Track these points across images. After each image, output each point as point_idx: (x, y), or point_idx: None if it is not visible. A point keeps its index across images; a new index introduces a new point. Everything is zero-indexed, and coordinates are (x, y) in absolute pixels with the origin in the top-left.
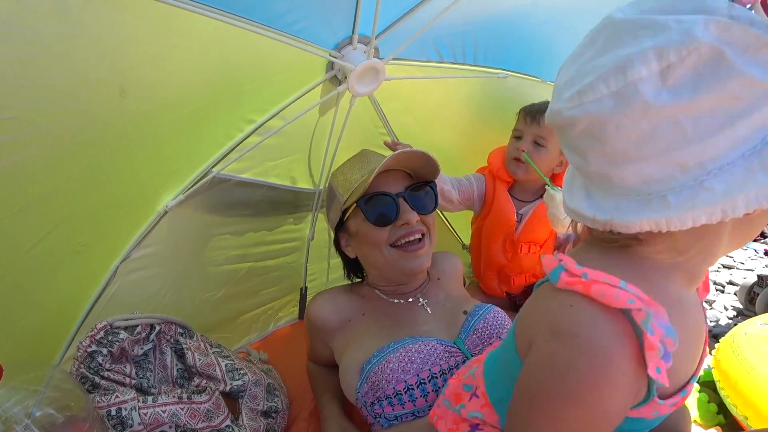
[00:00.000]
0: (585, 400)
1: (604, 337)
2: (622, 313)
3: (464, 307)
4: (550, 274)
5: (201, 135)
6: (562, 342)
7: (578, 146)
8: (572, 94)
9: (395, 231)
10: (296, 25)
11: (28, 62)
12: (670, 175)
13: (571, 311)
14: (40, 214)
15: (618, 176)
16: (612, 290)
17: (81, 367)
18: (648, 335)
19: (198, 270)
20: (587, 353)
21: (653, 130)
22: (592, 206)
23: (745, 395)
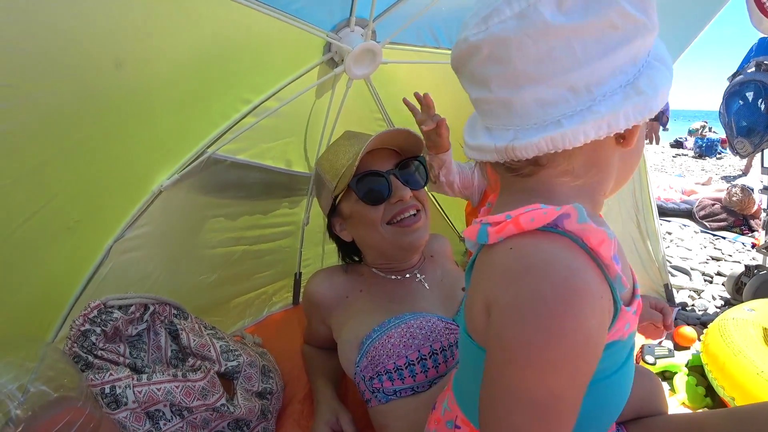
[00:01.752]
0: (565, 327)
1: (557, 257)
2: (558, 234)
3: (462, 283)
4: (478, 237)
5: (196, 113)
6: (518, 282)
7: (483, 74)
8: (478, 21)
9: (390, 209)
10: (294, 4)
11: (23, 30)
12: (563, 98)
13: (512, 253)
14: (32, 187)
15: (519, 101)
16: (537, 212)
17: (74, 346)
18: (590, 233)
19: (192, 252)
20: (547, 278)
21: (550, 50)
22: (493, 138)
23: (732, 377)
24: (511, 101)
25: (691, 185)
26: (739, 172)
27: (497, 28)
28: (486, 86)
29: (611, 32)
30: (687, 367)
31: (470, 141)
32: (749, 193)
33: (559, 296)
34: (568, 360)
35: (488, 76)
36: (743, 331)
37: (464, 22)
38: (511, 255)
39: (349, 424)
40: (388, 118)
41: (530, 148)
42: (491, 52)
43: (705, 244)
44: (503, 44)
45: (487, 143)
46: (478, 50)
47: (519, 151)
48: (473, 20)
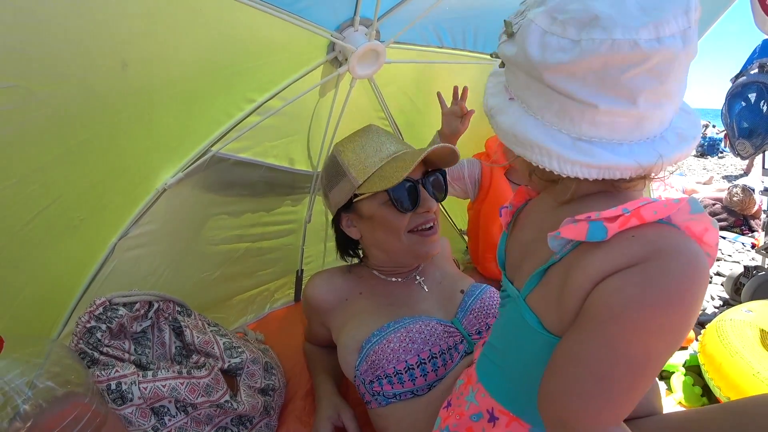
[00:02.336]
0: (685, 301)
1: (683, 243)
2: (669, 225)
3: (461, 285)
4: (590, 235)
5: (201, 112)
6: (646, 262)
7: (635, 86)
8: (647, 25)
9: (415, 218)
10: (298, 4)
11: (31, 31)
12: (670, 117)
13: (636, 240)
14: (38, 186)
15: (652, 117)
16: (657, 205)
17: (80, 343)
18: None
19: (195, 249)
20: (677, 258)
21: (685, 72)
22: (619, 154)
23: (728, 377)
24: (648, 117)
25: (692, 184)
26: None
27: (670, 42)
28: (632, 99)
29: None
30: (684, 366)
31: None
32: (750, 194)
33: (686, 274)
34: (676, 328)
35: (641, 89)
36: (740, 333)
37: (615, 16)
38: (635, 242)
39: (350, 419)
40: (391, 117)
41: (670, 163)
42: (658, 65)
43: None
44: (670, 60)
45: (622, 162)
46: (645, 60)
47: (666, 166)
48: (634, 21)
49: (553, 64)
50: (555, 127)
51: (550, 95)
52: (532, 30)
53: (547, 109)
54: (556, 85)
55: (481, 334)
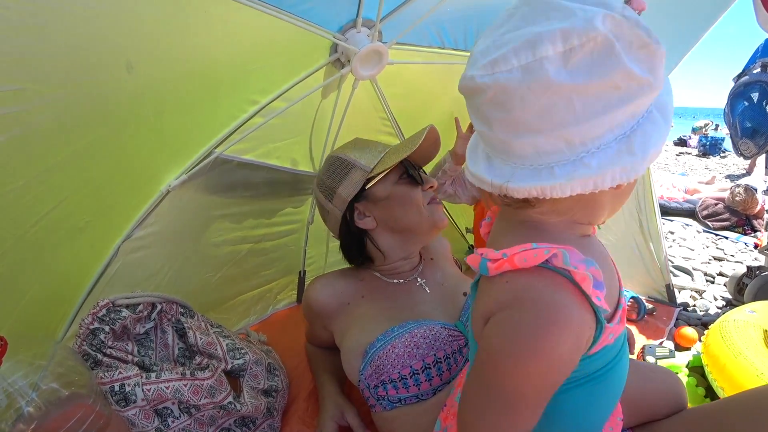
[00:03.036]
0: (538, 349)
1: (544, 291)
2: (548, 270)
3: (463, 288)
4: (479, 268)
5: (204, 114)
6: (510, 309)
7: (485, 114)
8: (486, 63)
9: (426, 194)
10: (302, 5)
11: (37, 33)
12: (558, 149)
13: (507, 286)
14: (44, 189)
15: (517, 146)
16: (529, 253)
17: (83, 344)
18: (574, 271)
19: (198, 250)
20: (533, 311)
21: (551, 105)
22: (490, 171)
23: (732, 378)
24: (510, 143)
25: (694, 184)
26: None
27: (503, 76)
28: (488, 124)
29: (614, 92)
30: (687, 367)
31: (471, 167)
32: (753, 193)
33: (540, 326)
34: (538, 373)
35: (490, 118)
36: (744, 333)
37: (473, 55)
38: (506, 288)
39: (354, 417)
40: (393, 118)
41: (521, 192)
42: (495, 97)
43: (707, 243)
44: (507, 93)
45: (484, 176)
46: (482, 92)
47: (512, 192)
48: (482, 60)
49: None
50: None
51: None
52: None
53: None
54: None
55: None
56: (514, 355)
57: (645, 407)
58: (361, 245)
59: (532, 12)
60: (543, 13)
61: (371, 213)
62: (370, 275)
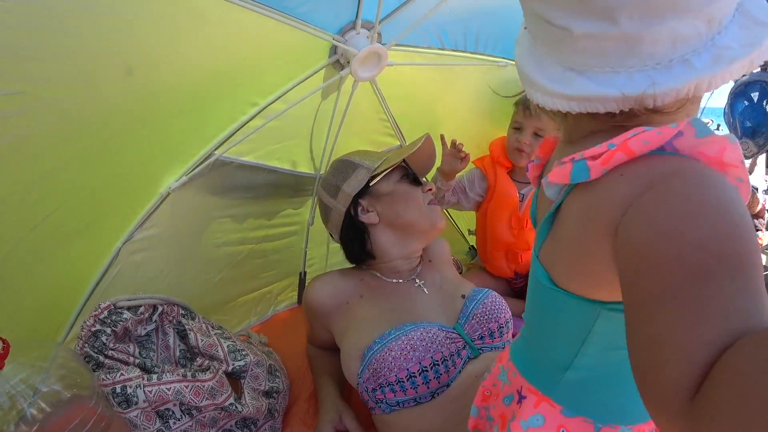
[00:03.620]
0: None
1: (687, 163)
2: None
3: (462, 291)
4: (573, 176)
5: (204, 117)
6: (659, 184)
7: (605, 3)
8: None
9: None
10: (301, 8)
11: (37, 37)
12: (697, 32)
13: (622, 180)
14: (44, 192)
15: (650, 37)
16: (649, 134)
17: (85, 346)
18: (715, 138)
19: (199, 252)
20: (693, 172)
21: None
22: (604, 84)
23: None
24: (640, 37)
25: None
26: None
27: None
28: (610, 17)
29: None
30: None
31: (564, 89)
32: (754, 193)
33: (705, 182)
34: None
35: (620, 5)
36: None
37: None
38: (623, 181)
39: (352, 421)
40: (392, 119)
41: (670, 95)
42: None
43: None
44: None
45: (603, 92)
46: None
47: (659, 99)
48: None
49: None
50: (548, 56)
51: (537, 21)
52: None
53: (540, 36)
54: (537, 10)
55: (483, 340)
56: (704, 212)
57: None
58: (362, 242)
59: None
60: None
61: (374, 208)
62: (370, 275)
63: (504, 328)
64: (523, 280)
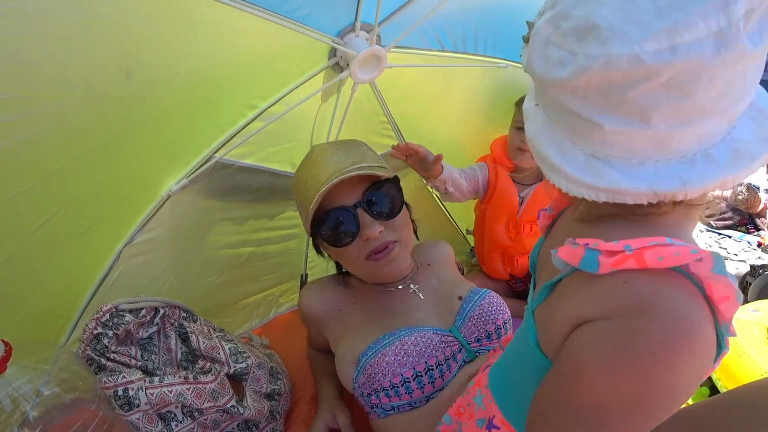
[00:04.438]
0: (659, 378)
1: (679, 306)
2: (678, 273)
3: (459, 292)
4: (583, 264)
5: (204, 119)
6: (626, 318)
7: (646, 104)
8: (656, 34)
9: (364, 246)
10: (300, 11)
11: (36, 41)
12: (720, 129)
13: (626, 288)
14: (45, 195)
15: (680, 137)
16: (668, 250)
17: (87, 349)
18: (725, 281)
19: (200, 254)
20: (662, 325)
21: (732, 80)
22: (636, 179)
23: (736, 378)
24: (672, 136)
25: None
26: None
27: (692, 50)
28: (645, 118)
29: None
30: None
31: (592, 180)
32: (755, 192)
33: (666, 347)
34: (647, 406)
35: (655, 107)
36: (748, 332)
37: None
38: (624, 290)
39: (344, 420)
40: (393, 120)
41: (698, 192)
42: (674, 80)
43: (710, 243)
44: (694, 72)
45: (635, 187)
46: (653, 75)
47: (689, 195)
48: (646, 28)
49: (552, 79)
50: (569, 142)
51: (560, 109)
52: (537, 39)
53: (560, 122)
54: (561, 101)
55: (480, 342)
56: (624, 382)
57: None
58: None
59: None
60: None
61: (326, 250)
62: (362, 283)
63: (502, 329)
64: (523, 284)
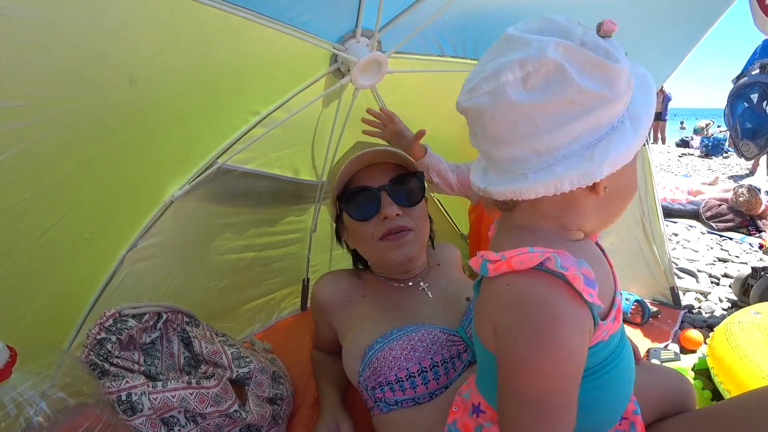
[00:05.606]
0: (549, 346)
1: (542, 292)
2: (543, 272)
3: (467, 293)
4: (480, 269)
5: (207, 126)
6: (513, 312)
7: (472, 129)
8: (467, 90)
9: (380, 226)
10: (301, 17)
11: (42, 50)
12: (529, 157)
13: (509, 289)
14: (50, 201)
15: (496, 155)
16: (525, 256)
17: (90, 354)
18: (566, 273)
19: (202, 259)
20: (534, 310)
21: (515, 121)
22: (482, 179)
23: (738, 380)
24: (491, 153)
25: (697, 185)
26: (746, 171)
27: (477, 100)
28: (475, 138)
29: (570, 107)
30: (693, 370)
31: (472, 178)
32: (756, 194)
33: (543, 324)
34: (554, 369)
35: (475, 132)
36: (749, 335)
37: (464, 83)
38: (507, 290)
39: (348, 429)
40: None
41: (498, 194)
42: (474, 117)
43: (711, 245)
44: (480, 113)
45: (476, 183)
46: (465, 112)
47: (492, 195)
48: (465, 86)
49: None
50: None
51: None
52: None
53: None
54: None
55: None
56: (528, 357)
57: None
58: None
59: (502, 45)
60: (509, 46)
61: (347, 238)
62: (374, 277)
63: None
64: None
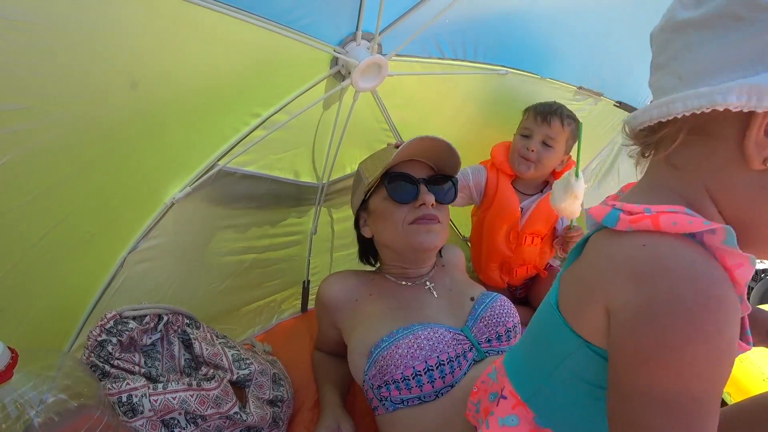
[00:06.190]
0: (707, 332)
1: (698, 264)
2: (694, 240)
3: (471, 293)
4: (605, 219)
5: (207, 128)
6: (654, 283)
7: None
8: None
9: (413, 212)
10: (301, 20)
11: (43, 53)
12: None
13: (645, 251)
14: (51, 204)
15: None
16: (682, 217)
17: (91, 356)
18: (737, 252)
19: (203, 261)
20: (689, 282)
21: None
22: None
23: (738, 383)
24: None
25: None
26: None
27: None
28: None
29: None
30: None
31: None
32: None
33: (700, 302)
34: (708, 363)
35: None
36: None
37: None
38: (645, 253)
39: (349, 429)
40: (394, 128)
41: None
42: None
43: None
44: None
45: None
46: None
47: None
48: None
49: None
50: None
51: None
52: None
53: None
54: None
55: (491, 343)
56: (678, 344)
57: None
58: (368, 247)
59: None
60: None
61: (369, 223)
62: (381, 276)
63: (511, 332)
64: (522, 291)
